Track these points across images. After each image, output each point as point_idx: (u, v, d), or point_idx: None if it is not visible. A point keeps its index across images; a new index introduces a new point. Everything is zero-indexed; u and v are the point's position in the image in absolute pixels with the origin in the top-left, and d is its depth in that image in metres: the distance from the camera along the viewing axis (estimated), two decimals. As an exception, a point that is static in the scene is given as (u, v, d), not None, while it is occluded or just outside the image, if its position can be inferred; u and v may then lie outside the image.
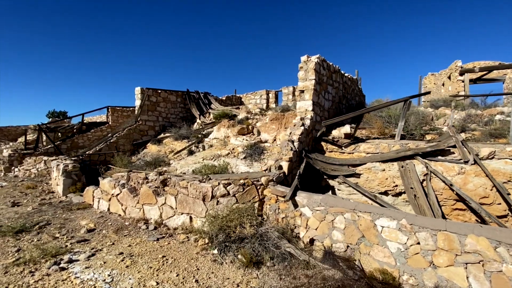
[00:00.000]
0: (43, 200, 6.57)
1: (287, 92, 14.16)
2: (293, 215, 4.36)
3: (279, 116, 8.89)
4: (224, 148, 9.42)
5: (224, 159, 8.40)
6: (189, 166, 8.62)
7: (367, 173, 6.18)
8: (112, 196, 5.57)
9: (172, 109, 14.25)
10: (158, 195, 5.14)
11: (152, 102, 13.00)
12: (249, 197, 4.91)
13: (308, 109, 7.47)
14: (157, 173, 5.33)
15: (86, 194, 6.08)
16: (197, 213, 4.80)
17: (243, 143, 9.26)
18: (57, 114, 27.73)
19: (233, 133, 10.01)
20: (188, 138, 11.36)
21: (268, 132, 9.16)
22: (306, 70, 7.55)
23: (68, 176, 6.82)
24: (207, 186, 4.80)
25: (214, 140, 10.58)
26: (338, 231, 3.78)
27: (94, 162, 10.76)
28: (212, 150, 9.70)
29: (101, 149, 10.99)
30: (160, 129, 13.44)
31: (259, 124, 10.64)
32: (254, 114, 12.00)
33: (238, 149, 8.77)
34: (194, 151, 9.97)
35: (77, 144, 14.79)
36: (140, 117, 12.44)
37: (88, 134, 15.32)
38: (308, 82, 7.47)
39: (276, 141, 8.90)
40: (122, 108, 17.18)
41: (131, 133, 12.05)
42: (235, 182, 4.89)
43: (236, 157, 8.38)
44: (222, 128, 10.60)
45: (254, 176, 5.11)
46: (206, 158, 8.81)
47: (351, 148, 6.99)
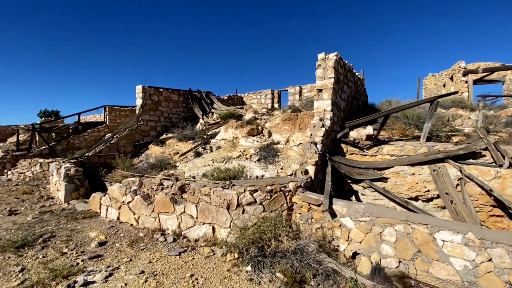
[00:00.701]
0: (43, 208, 6.00)
1: (294, 91, 13.80)
2: (331, 225, 3.96)
3: (292, 117, 8.49)
4: (234, 150, 8.97)
5: (236, 161, 7.95)
6: (198, 169, 8.13)
7: (395, 177, 5.84)
8: (122, 204, 5.07)
9: (174, 109, 13.71)
10: (175, 203, 4.67)
11: (153, 102, 12.44)
12: (277, 205, 4.50)
13: (327, 109, 7.11)
14: (174, 179, 4.86)
15: (92, 201, 5.55)
16: (221, 223, 4.35)
17: (254, 144, 8.84)
18: (49, 114, 26.75)
19: (242, 134, 9.57)
20: (193, 139, 10.86)
21: (280, 133, 8.76)
22: (324, 68, 7.18)
23: (70, 181, 6.27)
24: (231, 193, 4.35)
25: (221, 141, 10.11)
26: (388, 245, 3.40)
27: (93, 165, 10.15)
28: (220, 151, 9.24)
29: (101, 150, 10.38)
30: (162, 130, 12.88)
31: (268, 125, 10.23)
32: (261, 114, 11.58)
33: (249, 151, 8.33)
34: (201, 153, 9.49)
35: (73, 145, 14.11)
36: (141, 117, 11.86)
37: (85, 135, 14.66)
38: (327, 81, 7.10)
39: (289, 142, 8.50)
40: (120, 107, 16.53)
41: (132, 134, 11.47)
42: (261, 188, 4.46)
43: (249, 160, 7.94)
44: (230, 129, 10.14)
45: (281, 182, 4.70)
46: (216, 160, 8.34)
47: (374, 151, 6.65)
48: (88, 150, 13.37)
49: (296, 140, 8.24)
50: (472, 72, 16.94)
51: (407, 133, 7.14)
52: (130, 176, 8.46)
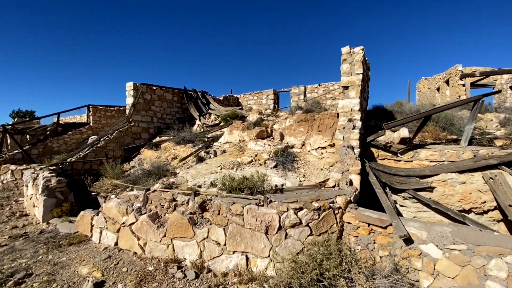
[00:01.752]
0: (14, 230, 4.72)
1: (298, 92, 13.02)
2: (406, 254, 3.09)
3: (308, 118, 7.64)
4: (243, 154, 7.97)
5: (249, 168, 6.97)
6: (204, 177, 7.06)
7: (442, 186, 5.10)
8: (122, 226, 3.95)
9: (168, 109, 12.49)
10: (195, 225, 3.63)
11: (146, 101, 11.19)
12: (326, 226, 3.58)
13: (354, 108, 6.32)
14: (192, 193, 3.82)
15: (81, 222, 4.36)
16: (257, 251, 3.37)
17: (266, 148, 7.89)
18: (23, 114, 24.45)
19: (250, 137, 8.60)
20: (192, 142, 9.74)
21: (294, 136, 7.88)
22: (351, 63, 6.40)
23: (50, 194, 5.02)
24: (271, 212, 3.39)
25: (226, 144, 9.08)
26: (497, 283, 2.57)
27: (77, 172, 8.78)
28: (226, 156, 8.21)
29: (86, 155, 9.03)
30: (155, 132, 11.63)
31: (277, 127, 9.34)
32: (266, 115, 10.67)
33: (262, 155, 7.38)
34: (204, 158, 8.41)
35: (51, 149, 12.53)
36: (132, 118, 10.58)
37: (65, 137, 13.09)
38: (355, 77, 6.32)
39: (305, 146, 7.63)
40: (105, 107, 15.04)
41: (121, 136, 10.16)
42: (307, 205, 3.53)
43: (263, 166, 6.99)
44: (235, 131, 9.14)
45: (327, 196, 3.80)
46: (224, 166, 7.31)
47: (409, 156, 5.91)
48: (69, 154, 11.86)
49: (314, 144, 7.39)
50: (469, 76, 16.96)
51: (440, 136, 6.48)
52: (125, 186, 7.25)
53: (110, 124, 15.19)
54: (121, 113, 15.93)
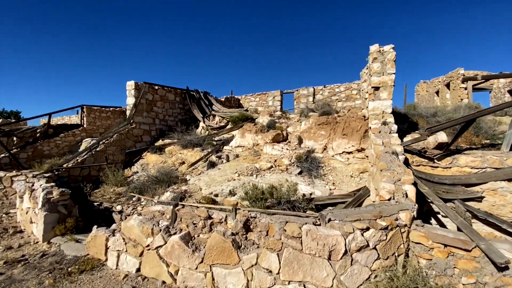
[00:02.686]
0: (10, 252, 3.98)
1: (306, 93, 12.56)
2: (500, 283, 2.60)
3: (331, 120, 7.16)
4: (258, 159, 7.40)
5: (270, 174, 6.41)
6: (220, 185, 6.45)
7: (491, 196, 4.71)
8: (147, 248, 3.30)
9: (170, 110, 11.78)
10: (239, 248, 3.03)
11: (147, 101, 10.45)
12: (393, 248, 3.07)
13: (387, 110, 5.88)
14: (232, 210, 3.22)
15: (93, 244, 3.68)
16: (318, 280, 2.81)
17: (284, 153, 7.35)
18: (8, 115, 23.01)
19: (266, 140, 8.04)
20: (200, 145, 9.09)
21: (315, 140, 7.37)
22: (382, 62, 5.96)
23: (52, 209, 4.29)
24: (334, 234, 2.84)
25: (238, 148, 8.48)
26: None
27: (74, 178, 7.97)
28: (240, 161, 7.62)
29: (85, 160, 8.22)
30: (157, 134, 10.89)
31: (292, 129, 8.82)
32: (277, 117, 10.14)
33: (282, 161, 6.83)
34: (216, 163, 7.78)
35: (42, 152, 11.58)
36: (133, 119, 9.82)
37: (57, 140, 12.14)
38: (387, 77, 5.89)
39: (327, 150, 7.14)
40: (100, 108, 14.12)
41: (122, 139, 9.39)
42: (373, 224, 3.01)
43: (285, 172, 6.44)
44: (247, 134, 8.56)
45: (390, 212, 3.29)
46: (241, 173, 6.71)
47: (447, 162, 5.50)
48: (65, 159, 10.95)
49: (337, 148, 6.91)
50: (471, 79, 17.00)
51: (474, 141, 6.12)
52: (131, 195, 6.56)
53: (105, 126, 14.30)
54: (117, 114, 15.04)
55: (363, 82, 8.98)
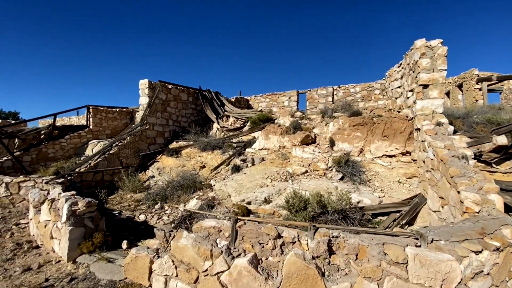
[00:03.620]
0: (29, 275, 3.39)
1: (325, 93, 12.06)
2: None
3: (367, 121, 6.66)
4: (288, 163, 6.86)
5: (307, 180, 5.87)
6: (251, 191, 5.89)
7: None
8: (204, 274, 2.74)
9: (183, 111, 11.20)
10: (323, 276, 2.48)
11: (161, 101, 9.86)
12: (504, 272, 2.55)
13: (437, 110, 5.39)
14: (311, 228, 2.67)
15: (133, 266, 3.09)
16: (428, 316, 2.26)
17: (316, 156, 6.83)
18: (6, 116, 22.22)
19: (294, 142, 7.50)
20: (220, 148, 8.53)
21: (349, 142, 6.86)
22: (432, 57, 5.47)
23: (78, 222, 3.70)
24: (447, 259, 2.31)
25: (263, 151, 7.94)
26: None
27: (87, 184, 7.36)
28: (267, 165, 7.07)
29: (98, 164, 7.60)
30: (170, 136, 10.30)
31: (318, 131, 8.30)
32: (299, 118, 9.61)
33: (318, 165, 6.30)
34: (241, 167, 7.23)
35: (46, 155, 10.93)
36: (147, 120, 9.22)
37: (62, 142, 11.49)
38: (437, 74, 5.40)
39: (364, 153, 6.63)
40: (106, 108, 13.50)
41: (135, 141, 8.78)
42: (484, 245, 2.49)
43: (324, 177, 5.91)
44: (272, 136, 8.02)
45: (491, 228, 2.77)
46: (274, 178, 6.16)
47: (507, 166, 5.02)
48: (67, 161, 10.34)
49: (376, 151, 6.41)
50: (486, 80, 16.68)
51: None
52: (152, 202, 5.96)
53: (112, 127, 13.68)
54: (124, 115, 14.43)
55: (393, 80, 8.51)
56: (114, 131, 13.77)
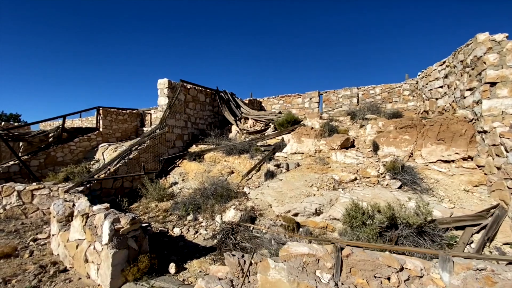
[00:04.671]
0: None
1: (350, 94, 11.50)
2: None
3: (417, 123, 6.09)
4: (328, 169, 6.26)
5: (361, 189, 5.26)
6: (298, 201, 5.27)
7: None
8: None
9: (201, 112, 10.59)
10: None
11: (180, 102, 9.25)
12: None
13: (508, 111, 4.83)
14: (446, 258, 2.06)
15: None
16: None
17: (361, 161, 6.24)
18: (7, 118, 21.45)
19: (332, 146, 6.91)
20: (247, 152, 7.92)
21: (396, 146, 6.28)
22: (500, 52, 4.94)
23: (122, 244, 3.06)
24: None
25: (297, 155, 7.33)
26: None
27: (106, 192, 6.70)
28: (303, 171, 6.46)
29: (117, 169, 6.95)
30: (189, 139, 9.68)
31: (354, 133, 7.73)
32: (328, 120, 9.05)
33: (367, 171, 5.71)
34: (274, 173, 6.61)
35: (55, 159, 10.27)
36: (166, 122, 8.59)
37: (71, 145, 10.83)
38: (507, 71, 4.86)
39: (415, 158, 6.05)
40: (117, 110, 12.85)
41: (155, 145, 8.15)
42: None
43: (380, 185, 5.31)
44: (305, 139, 7.42)
45: None
46: (320, 186, 5.55)
47: None
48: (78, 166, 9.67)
49: (429, 156, 5.84)
50: None
51: None
52: (183, 213, 5.32)
53: (122, 130, 13.03)
54: (134, 117, 13.79)
55: (432, 80, 7.97)
56: (124, 133, 13.12)
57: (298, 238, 4.29)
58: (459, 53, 6.27)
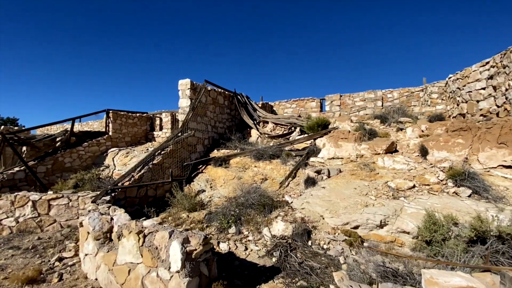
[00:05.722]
0: None
1: (374, 97, 11.09)
2: None
3: (471, 125, 5.66)
4: (376, 175, 5.75)
5: (426, 198, 4.75)
6: (357, 212, 4.72)
7: None
8: None
9: (220, 115, 10.04)
10: None
11: (202, 104, 8.68)
12: None
13: None
14: None
15: None
16: None
17: (412, 166, 5.75)
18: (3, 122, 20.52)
19: (375, 151, 6.43)
20: (278, 157, 7.38)
21: (448, 150, 5.82)
22: None
23: (194, 270, 2.45)
24: None
25: (335, 161, 6.81)
26: None
27: (131, 201, 6.04)
28: (347, 177, 5.94)
29: (142, 176, 6.31)
30: (209, 143, 9.09)
31: (393, 137, 7.26)
32: (359, 122, 8.59)
33: (426, 178, 5.21)
34: (315, 180, 6.06)
35: (62, 165, 9.58)
36: (188, 125, 8.00)
37: (79, 150, 10.16)
38: None
39: (470, 163, 5.59)
40: (127, 113, 12.21)
41: (178, 149, 7.53)
42: None
43: (445, 193, 4.80)
44: (343, 143, 6.92)
45: None
46: (377, 194, 5.02)
47: None
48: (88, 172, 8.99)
49: (488, 161, 5.38)
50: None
51: None
52: (224, 226, 4.72)
53: (132, 134, 12.38)
54: (144, 121, 13.16)
55: (471, 82, 7.61)
56: (134, 138, 12.47)
57: (364, 251, 3.73)
58: (511, 52, 5.91)
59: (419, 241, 4.10)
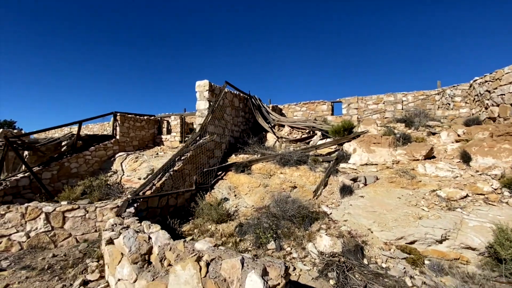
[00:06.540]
0: None
1: (393, 100, 10.73)
2: None
3: (519, 130, 5.32)
4: (418, 183, 5.34)
5: (486, 210, 4.34)
6: (412, 226, 4.29)
7: None
8: None
9: (236, 118, 9.58)
10: None
11: (219, 106, 8.22)
12: None
13: None
14: None
15: None
16: None
17: (457, 173, 5.36)
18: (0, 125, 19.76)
19: (414, 156, 6.03)
20: (305, 162, 6.94)
21: (494, 156, 5.46)
22: None
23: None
24: None
25: (369, 167, 6.39)
26: None
27: (152, 212, 5.52)
28: (385, 185, 5.52)
29: (163, 184, 5.80)
30: (226, 148, 8.62)
31: (436, 141, 6.88)
32: (384, 126, 8.22)
33: (478, 186, 4.81)
34: (352, 188, 5.64)
35: (68, 171, 9.01)
36: (207, 128, 7.52)
37: (86, 154, 9.59)
38: None
39: (519, 171, 5.22)
40: (134, 116, 11.68)
41: (197, 154, 7.04)
42: None
43: (504, 204, 4.40)
44: (376, 148, 6.52)
45: None
46: (429, 205, 4.60)
47: None
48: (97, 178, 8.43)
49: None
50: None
51: None
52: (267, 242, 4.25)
53: (139, 138, 11.83)
54: (151, 124, 12.61)
55: (503, 84, 7.30)
56: (141, 142, 11.91)
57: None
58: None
59: (488, 259, 3.69)
